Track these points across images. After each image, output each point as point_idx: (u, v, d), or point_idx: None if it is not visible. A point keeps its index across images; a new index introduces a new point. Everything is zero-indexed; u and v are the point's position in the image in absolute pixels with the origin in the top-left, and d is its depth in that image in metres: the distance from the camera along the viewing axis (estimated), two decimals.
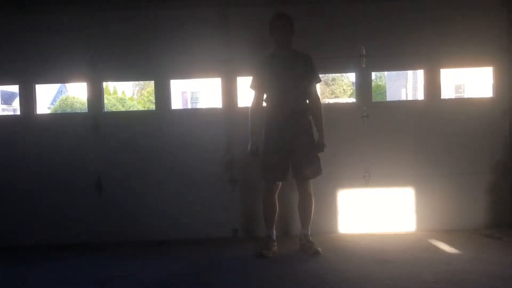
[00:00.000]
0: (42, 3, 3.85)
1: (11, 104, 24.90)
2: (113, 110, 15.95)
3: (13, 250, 3.81)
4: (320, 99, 3.60)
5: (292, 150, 3.40)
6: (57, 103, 22.30)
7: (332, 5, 3.92)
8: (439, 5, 3.92)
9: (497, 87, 4.00)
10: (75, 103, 19.86)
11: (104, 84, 4.31)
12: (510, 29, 3.91)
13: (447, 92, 18.41)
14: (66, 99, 21.42)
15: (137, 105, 23.97)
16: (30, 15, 3.94)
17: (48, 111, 19.72)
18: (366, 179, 3.97)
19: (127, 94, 26.96)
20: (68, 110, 19.03)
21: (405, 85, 23.96)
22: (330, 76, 33.08)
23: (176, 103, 21.04)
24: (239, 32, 3.92)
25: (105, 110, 4.81)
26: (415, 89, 22.07)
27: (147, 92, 24.82)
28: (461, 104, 4.24)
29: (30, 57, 3.95)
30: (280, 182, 3.49)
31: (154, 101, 4.22)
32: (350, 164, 3.94)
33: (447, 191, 3.94)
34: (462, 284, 2.75)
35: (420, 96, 11.56)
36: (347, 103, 14.15)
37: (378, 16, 3.93)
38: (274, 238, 3.51)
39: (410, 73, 22.47)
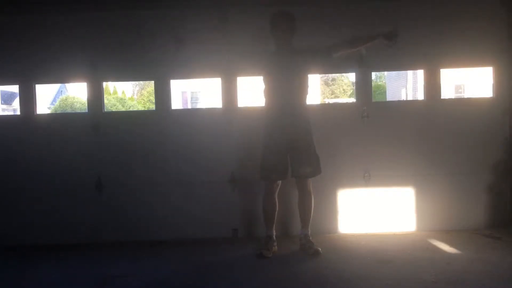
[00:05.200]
0: (42, 3, 3.85)
1: (11, 104, 24.90)
2: (113, 110, 15.96)
3: (13, 250, 3.81)
4: (320, 98, 3.58)
5: (292, 149, 3.41)
6: (57, 103, 22.30)
7: (331, 5, 3.92)
8: (439, 5, 3.92)
9: (497, 87, 4.00)
10: (75, 103, 19.86)
11: (104, 84, 4.31)
12: (510, 29, 3.91)
13: (447, 92, 18.43)
14: (66, 99, 21.41)
15: (137, 105, 23.99)
16: (30, 15, 3.94)
17: (48, 111, 19.72)
18: (366, 179, 3.97)
19: (127, 94, 27.00)
20: (68, 110, 19.03)
21: (405, 85, 23.99)
22: (330, 76, 33.15)
23: (176, 103, 21.06)
24: (239, 32, 3.91)
25: (105, 110, 4.81)
26: (415, 89, 22.10)
27: (147, 92, 24.86)
28: (461, 104, 4.24)
29: (30, 57, 3.95)
30: (280, 181, 3.50)
31: (154, 101, 4.22)
32: (350, 164, 3.94)
33: (447, 191, 3.94)
34: (462, 284, 2.75)
35: (420, 96, 11.56)
36: (347, 103, 14.16)
37: (378, 16, 3.92)
38: (274, 238, 3.51)
39: (410, 73, 22.52)
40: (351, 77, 28.55)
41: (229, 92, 3.98)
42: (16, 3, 3.86)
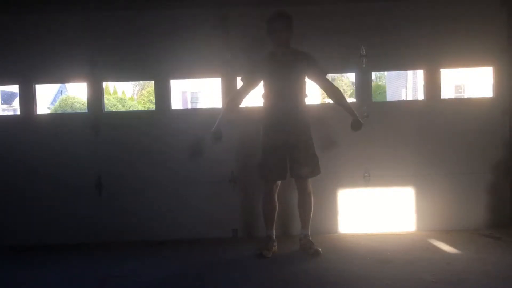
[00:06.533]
0: (42, 3, 3.85)
1: (11, 104, 24.90)
2: (113, 110, 15.95)
3: (13, 250, 3.81)
4: (320, 98, 3.61)
5: (290, 149, 3.40)
6: (57, 103, 22.30)
7: (332, 5, 3.92)
8: (439, 5, 3.92)
9: (497, 87, 4.00)
10: (75, 103, 19.86)
11: (104, 84, 4.31)
12: (510, 29, 3.91)
13: (447, 92, 18.42)
14: (66, 99, 21.41)
15: (137, 105, 23.98)
16: (30, 15, 3.94)
17: (48, 111, 19.72)
18: (366, 179, 3.97)
19: (127, 94, 26.99)
20: (68, 110, 19.03)
21: (405, 85, 23.99)
22: (330, 76, 33.10)
23: (176, 103, 21.06)
24: (239, 32, 3.92)
25: (105, 110, 4.81)
26: (415, 89, 22.09)
27: (147, 92, 24.84)
28: (461, 104, 4.24)
29: (30, 57, 3.95)
30: (280, 182, 3.50)
31: (154, 101, 4.22)
32: (350, 164, 3.94)
33: (447, 191, 3.94)
34: (462, 284, 2.75)
35: (420, 96, 11.56)
36: None
37: (378, 16, 3.93)
38: (274, 238, 3.51)
39: (410, 73, 22.52)
40: (351, 77, 28.56)
41: (229, 92, 3.98)
42: (16, 3, 3.85)
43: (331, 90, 3.53)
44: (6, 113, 22.44)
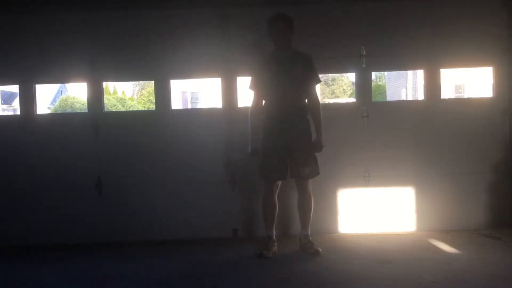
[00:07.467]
0: (42, 3, 3.85)
1: (11, 104, 24.90)
2: (113, 110, 15.95)
3: (13, 250, 3.81)
4: (319, 99, 3.62)
5: (291, 150, 3.40)
6: (57, 103, 22.30)
7: (332, 5, 3.92)
8: (439, 5, 3.92)
9: (497, 87, 4.00)
10: (75, 103, 19.86)
11: (104, 84, 4.31)
12: (510, 29, 3.91)
13: (447, 92, 18.42)
14: (66, 99, 21.41)
15: (137, 105, 23.99)
16: (30, 15, 3.94)
17: (48, 111, 19.72)
18: (366, 179, 3.97)
19: (127, 94, 26.99)
20: (68, 110, 19.03)
21: (405, 85, 23.98)
22: (330, 76, 33.13)
23: (176, 103, 21.06)
24: (239, 32, 3.92)
25: (105, 110, 4.81)
26: (415, 89, 22.08)
27: (147, 92, 24.85)
28: (461, 104, 4.24)
29: (30, 57, 3.95)
30: (280, 182, 3.50)
31: (154, 101, 4.22)
32: (350, 164, 3.94)
33: (447, 191, 3.94)
34: (462, 284, 2.76)
35: (420, 96, 11.56)
36: (347, 103, 14.15)
37: (378, 16, 3.93)
38: (274, 238, 3.51)
39: (410, 73, 22.49)
40: (351, 77, 28.58)
41: (229, 92, 3.98)
42: (16, 3, 3.85)
43: (314, 101, 3.51)
44: (6, 113, 22.43)
